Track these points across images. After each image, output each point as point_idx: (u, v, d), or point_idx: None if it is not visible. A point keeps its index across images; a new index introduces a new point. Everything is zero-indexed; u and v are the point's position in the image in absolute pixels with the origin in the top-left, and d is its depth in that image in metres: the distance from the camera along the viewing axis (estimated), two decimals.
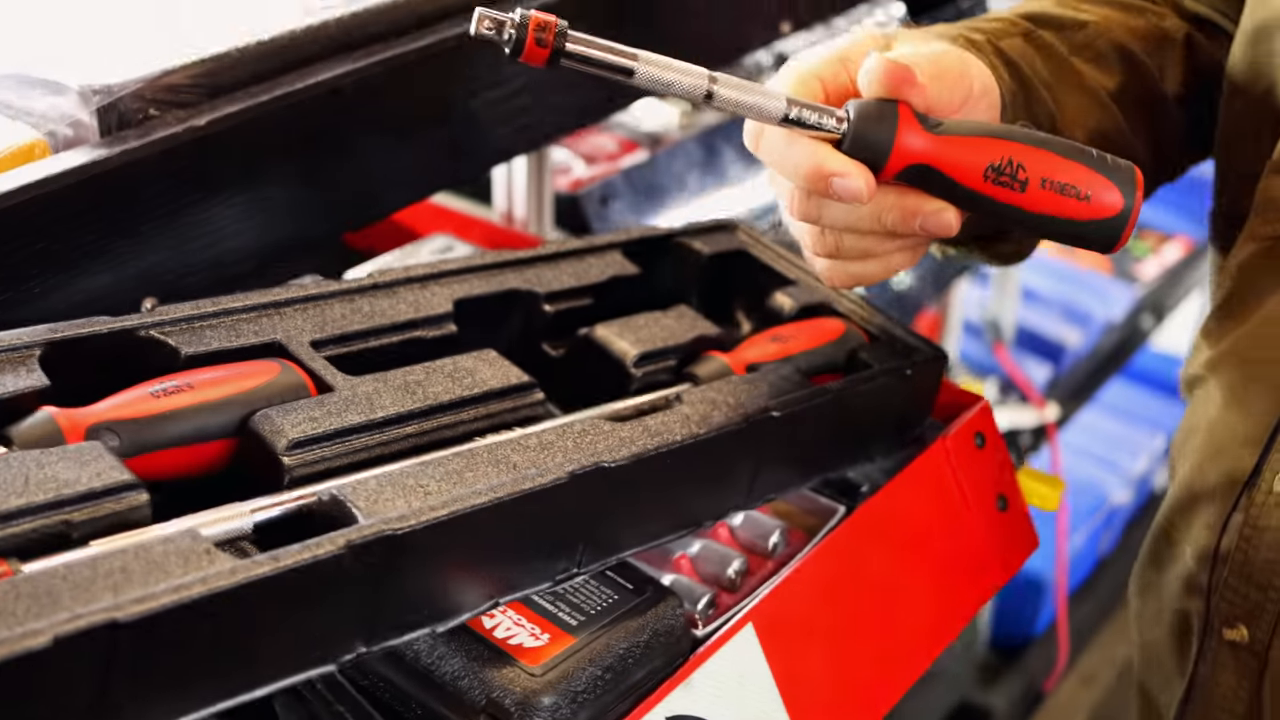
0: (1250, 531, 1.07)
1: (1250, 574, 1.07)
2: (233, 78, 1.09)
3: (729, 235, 1.23)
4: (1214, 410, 1.12)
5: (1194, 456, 1.14)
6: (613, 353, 1.04)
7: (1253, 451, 1.07)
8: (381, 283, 1.02)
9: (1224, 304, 1.14)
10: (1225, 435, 1.11)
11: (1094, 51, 1.16)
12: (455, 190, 1.55)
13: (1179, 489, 1.17)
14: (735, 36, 1.51)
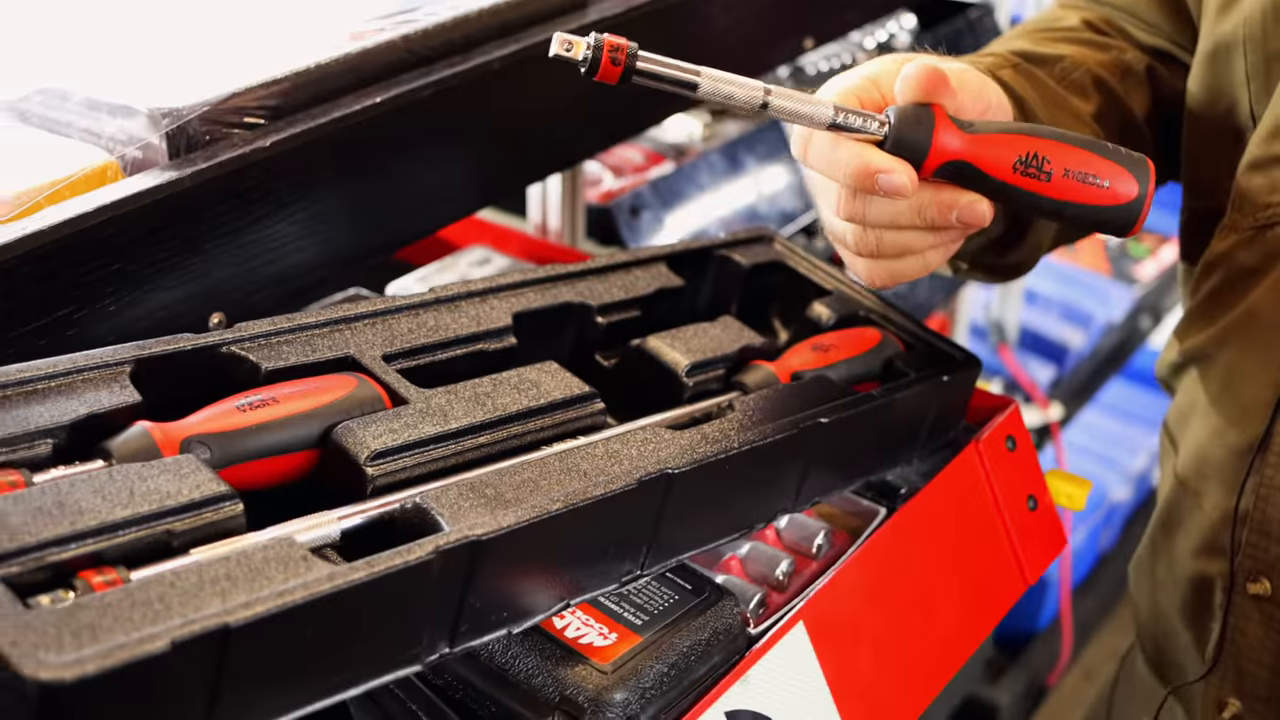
0: (1266, 491, 1.16)
1: (1269, 530, 1.16)
2: (294, 100, 1.13)
3: (766, 246, 1.27)
4: (1215, 387, 1.21)
5: (1199, 431, 1.23)
6: (665, 363, 1.08)
7: (1261, 418, 1.16)
8: (444, 297, 1.06)
9: (1211, 292, 1.22)
10: (1231, 407, 1.19)
11: (1073, 81, 1.25)
12: (491, 203, 1.60)
13: (1186, 462, 1.25)
14: (762, 52, 1.56)
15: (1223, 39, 1.21)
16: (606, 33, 0.91)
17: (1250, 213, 1.18)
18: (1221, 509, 1.20)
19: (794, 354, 1.15)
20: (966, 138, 0.99)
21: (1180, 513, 1.28)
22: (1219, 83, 1.23)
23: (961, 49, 2.26)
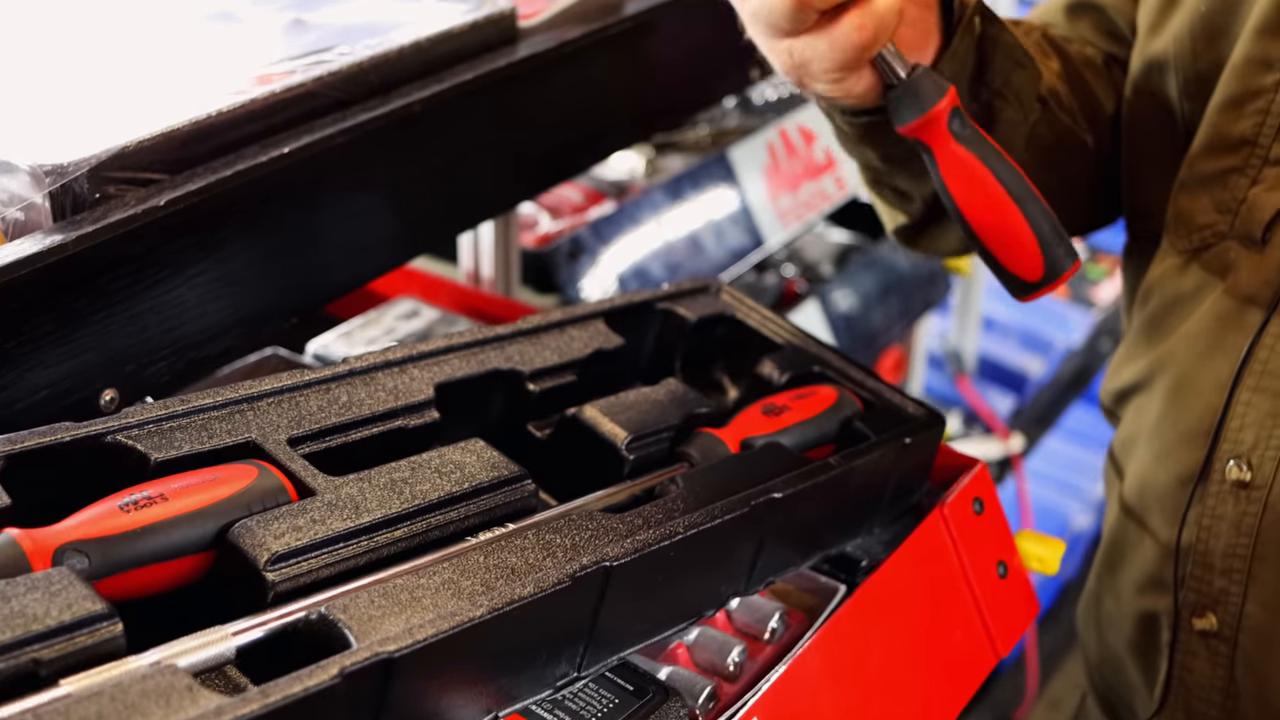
0: (1209, 521, 1.14)
1: (1212, 563, 1.15)
2: (193, 152, 1.04)
3: (712, 298, 1.18)
4: (1154, 415, 1.19)
5: (1140, 461, 1.21)
6: (603, 435, 0.99)
7: (1201, 446, 1.14)
8: (358, 369, 0.97)
9: (1150, 317, 1.21)
10: (1171, 436, 1.17)
11: (1033, 41, 1.23)
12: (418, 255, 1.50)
13: (1129, 494, 1.23)
14: (707, 85, 1.48)
15: (1154, 58, 1.20)
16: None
17: (1185, 234, 1.17)
18: (1164, 541, 1.18)
19: (744, 419, 1.06)
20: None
21: (1124, 546, 1.25)
22: (1152, 103, 1.21)
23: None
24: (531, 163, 1.29)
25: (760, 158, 1.83)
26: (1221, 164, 1.14)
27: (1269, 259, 1.11)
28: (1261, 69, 1.11)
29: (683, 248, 1.69)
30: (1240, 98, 1.13)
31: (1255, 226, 1.12)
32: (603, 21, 1.30)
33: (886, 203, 1.25)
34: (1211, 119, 1.15)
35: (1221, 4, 1.14)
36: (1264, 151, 1.12)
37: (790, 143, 1.89)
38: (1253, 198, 1.12)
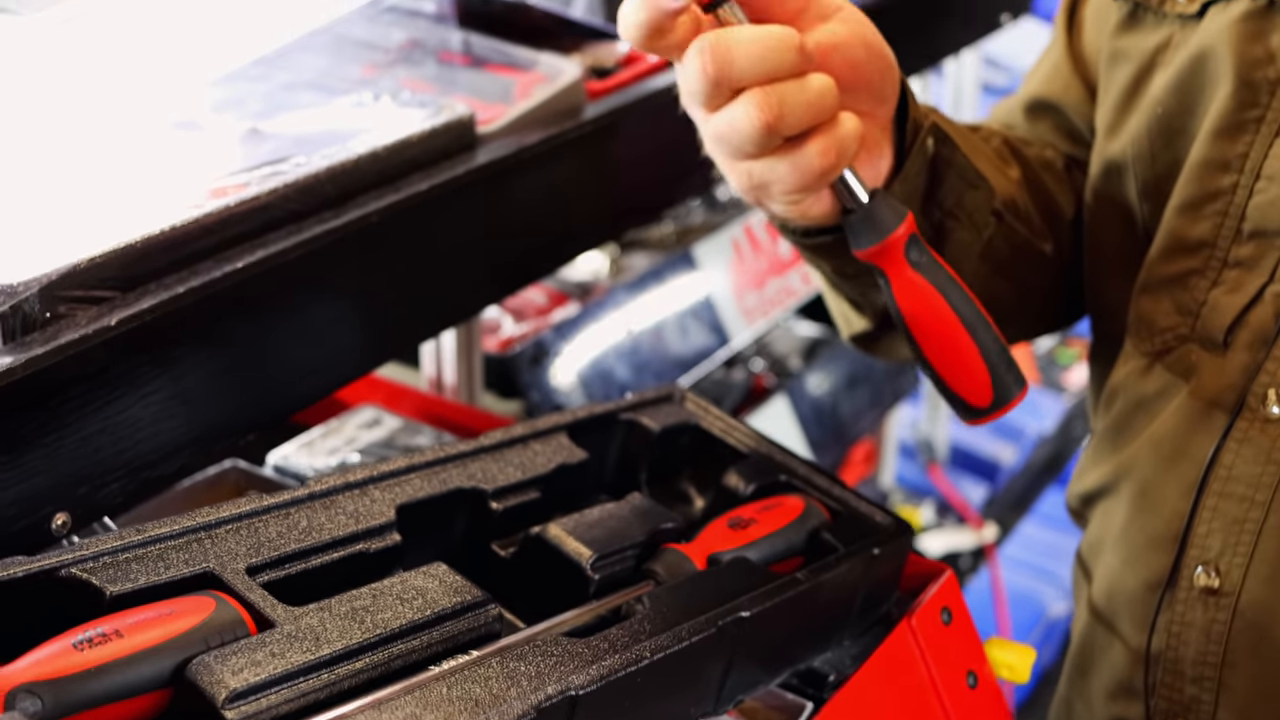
0: (1179, 628, 1.13)
1: (1183, 670, 1.13)
2: (147, 268, 1.02)
3: (676, 406, 1.17)
4: (1121, 519, 1.18)
5: (1108, 566, 1.20)
6: (568, 554, 0.98)
7: (1168, 552, 1.12)
8: (318, 492, 0.95)
9: (1115, 421, 1.20)
10: (1138, 541, 1.16)
11: (993, 148, 1.24)
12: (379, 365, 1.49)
13: (1098, 598, 1.22)
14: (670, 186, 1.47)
15: (1112, 160, 1.20)
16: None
17: (1148, 337, 1.16)
18: (1134, 648, 1.17)
19: (710, 533, 1.04)
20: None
21: (1094, 652, 1.24)
22: (1112, 205, 1.20)
23: None
24: (493, 269, 1.28)
25: (725, 254, 1.83)
26: (1181, 266, 1.13)
27: (1231, 362, 1.10)
28: (1219, 171, 1.11)
29: (649, 347, 1.68)
30: (1198, 200, 1.12)
31: (1216, 330, 1.11)
32: (562, 126, 1.29)
33: (840, 309, 1.25)
34: (1170, 221, 1.14)
35: (1179, 106, 1.14)
36: (1223, 254, 1.11)
37: (755, 239, 1.88)
38: (1213, 300, 1.11)
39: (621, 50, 1.53)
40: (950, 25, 2.11)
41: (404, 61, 1.40)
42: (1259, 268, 1.09)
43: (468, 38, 1.47)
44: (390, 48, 1.42)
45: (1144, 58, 1.18)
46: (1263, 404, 1.08)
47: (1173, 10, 1.16)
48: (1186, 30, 1.15)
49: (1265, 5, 1.10)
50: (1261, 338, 1.09)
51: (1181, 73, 1.14)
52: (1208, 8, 1.14)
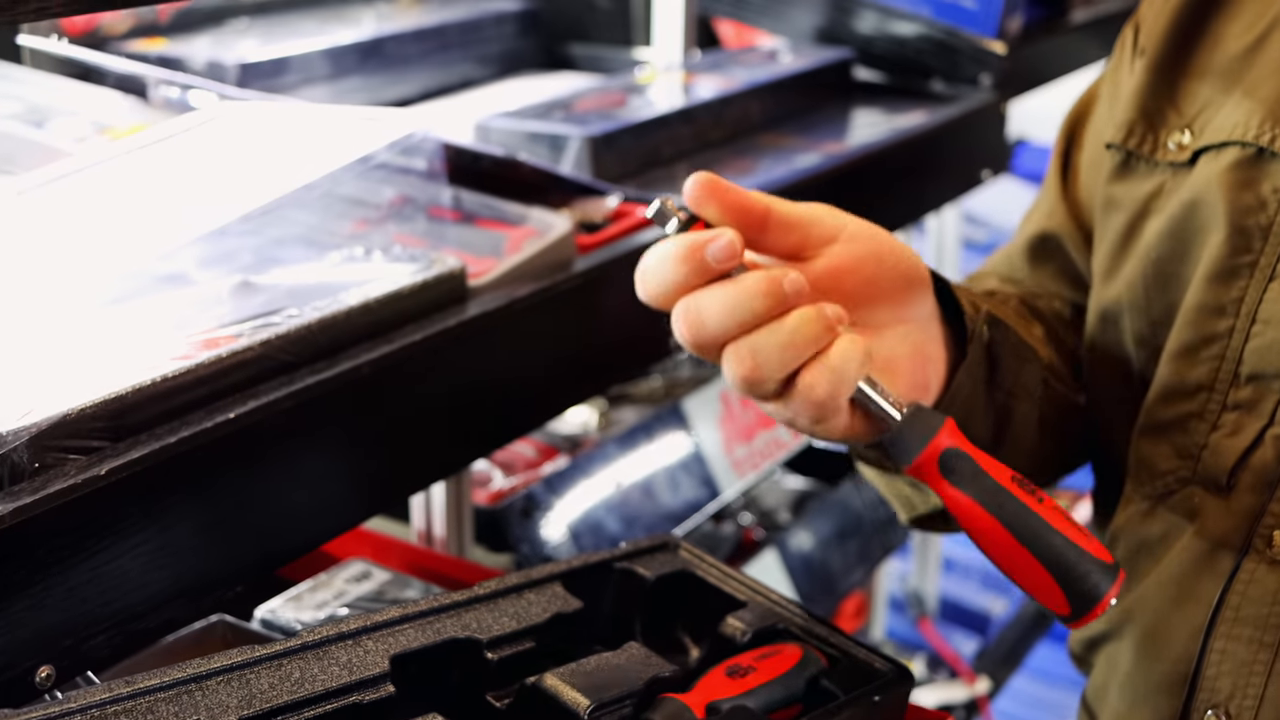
0: None
1: None
2: (137, 418, 1.02)
3: (671, 555, 1.16)
4: (1127, 663, 1.17)
5: (1114, 711, 1.19)
6: (565, 704, 0.96)
7: (1177, 695, 1.11)
8: (310, 642, 0.94)
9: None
10: (1145, 685, 1.14)
11: (1011, 309, 1.24)
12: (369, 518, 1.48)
13: None
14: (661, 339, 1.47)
15: (1109, 305, 1.21)
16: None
17: (1149, 480, 1.16)
18: None
19: (708, 681, 1.02)
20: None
21: None
22: (1110, 349, 1.22)
23: None
24: (484, 421, 1.27)
25: (714, 408, 1.83)
26: (1180, 410, 1.14)
27: (1235, 504, 1.10)
28: (1215, 316, 1.12)
29: (638, 500, 1.67)
30: (1195, 345, 1.13)
31: (1219, 473, 1.11)
32: (552, 279, 1.30)
33: (896, 493, 1.24)
34: (1167, 365, 1.15)
35: (1172, 252, 1.16)
36: (1221, 397, 1.12)
37: None
38: (1214, 443, 1.12)
39: (610, 205, 1.55)
40: (933, 181, 2.14)
41: (395, 217, 1.41)
42: (1258, 411, 1.10)
43: (458, 193, 1.48)
44: (381, 204, 1.43)
45: (1137, 205, 1.20)
46: (1269, 545, 1.08)
47: (1165, 159, 1.18)
48: (1179, 178, 1.17)
49: (1255, 154, 1.12)
50: (1265, 480, 1.09)
51: (1174, 219, 1.16)
52: (1199, 156, 1.16)
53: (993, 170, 2.31)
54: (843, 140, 2.04)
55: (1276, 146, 1.11)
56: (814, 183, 1.75)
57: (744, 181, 1.74)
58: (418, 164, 1.44)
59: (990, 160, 2.29)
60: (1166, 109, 1.20)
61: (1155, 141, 1.20)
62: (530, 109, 1.85)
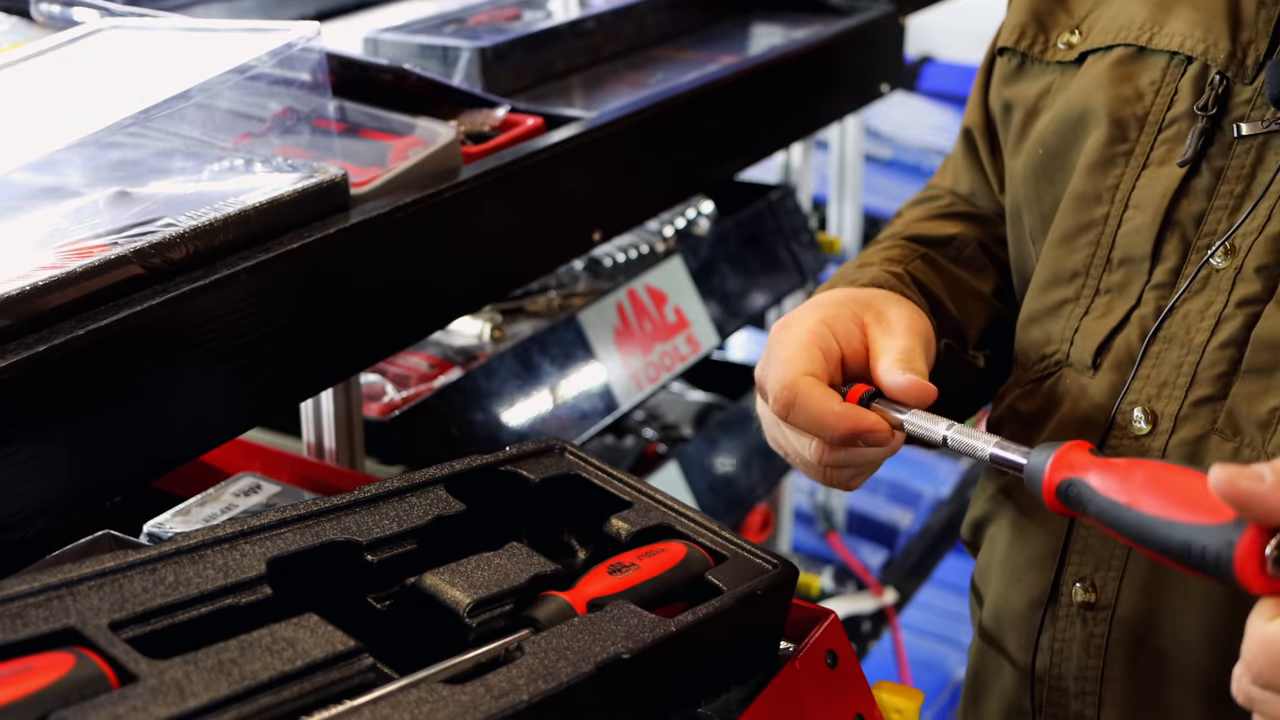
0: (1060, 645, 1.16)
1: (1066, 687, 1.16)
2: (5, 328, 1.00)
3: (557, 458, 1.16)
4: (1005, 542, 1.22)
5: (995, 590, 1.23)
6: (444, 602, 0.96)
7: (1048, 570, 1.15)
8: (185, 547, 0.93)
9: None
10: (1020, 561, 1.19)
11: (967, 259, 1.32)
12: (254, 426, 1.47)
13: (987, 622, 1.25)
14: (551, 249, 1.47)
15: (1014, 203, 1.26)
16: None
17: (1028, 366, 1.20)
18: (1021, 668, 1.20)
19: (591, 579, 1.03)
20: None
21: (985, 676, 1.27)
22: (1018, 247, 1.27)
23: (762, 231, 2.22)
24: (369, 330, 1.27)
25: (610, 320, 1.83)
26: (1058, 296, 1.18)
27: (1101, 383, 1.14)
28: (1092, 203, 1.16)
29: (533, 413, 1.67)
30: (1073, 232, 1.17)
31: (1087, 354, 1.15)
32: (437, 186, 1.29)
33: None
34: (1049, 254, 1.19)
35: (1059, 145, 1.20)
36: (1095, 282, 1.16)
37: (640, 304, 1.88)
38: (1084, 326, 1.16)
39: (499, 115, 1.54)
40: (830, 94, 2.14)
41: (279, 130, 1.40)
42: (1127, 293, 1.14)
43: (343, 105, 1.47)
44: (266, 117, 1.41)
45: (1029, 104, 1.25)
46: (1130, 422, 1.11)
47: (1054, 58, 1.23)
48: (1066, 76, 1.22)
49: (1136, 51, 1.17)
50: (1128, 359, 1.12)
51: (1061, 115, 1.20)
52: (1086, 56, 1.21)
53: (892, 84, 2.31)
54: (740, 53, 2.04)
55: (1154, 44, 1.16)
56: (709, 94, 1.75)
57: (638, 94, 1.74)
58: (302, 76, 1.43)
59: (889, 74, 2.29)
60: (1057, 10, 1.25)
61: (1046, 42, 1.25)
62: (422, 22, 1.84)
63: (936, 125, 3.50)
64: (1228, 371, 1.07)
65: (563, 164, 1.46)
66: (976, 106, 1.37)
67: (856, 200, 2.69)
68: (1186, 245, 1.11)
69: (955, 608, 3.11)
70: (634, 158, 1.62)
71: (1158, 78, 1.15)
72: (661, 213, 2.00)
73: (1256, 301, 1.06)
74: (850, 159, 2.64)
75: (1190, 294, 1.10)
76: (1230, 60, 1.11)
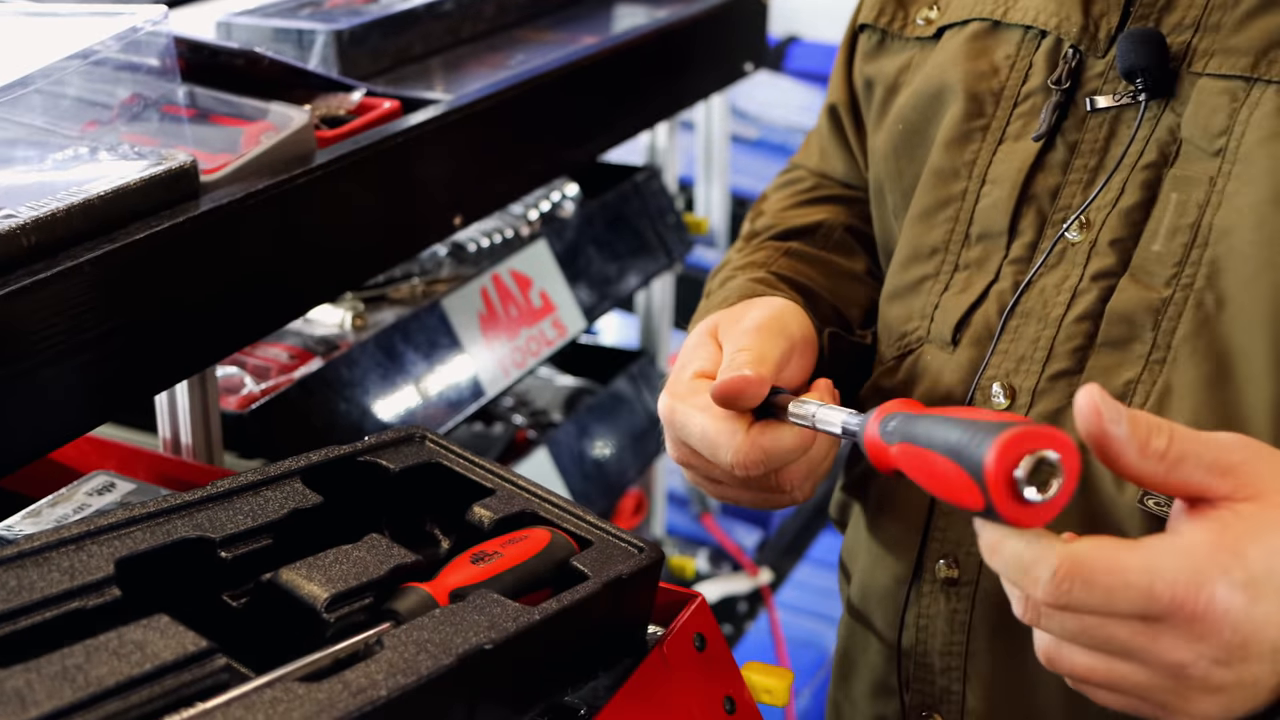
0: (925, 621, 1.16)
1: (931, 663, 1.16)
2: None
3: (417, 447, 1.14)
4: (869, 522, 1.23)
5: (861, 568, 1.24)
6: (301, 597, 0.94)
7: (912, 547, 1.16)
8: (28, 550, 0.90)
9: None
10: (885, 539, 1.19)
11: (837, 243, 1.32)
12: (114, 420, 1.43)
13: (855, 599, 1.26)
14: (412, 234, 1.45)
15: (876, 180, 1.26)
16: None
17: (891, 343, 1.20)
18: (888, 645, 1.20)
19: (453, 569, 1.01)
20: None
21: (855, 653, 1.27)
22: (882, 224, 1.27)
23: (628, 213, 2.21)
24: (221, 321, 1.24)
25: (475, 305, 1.80)
26: (918, 273, 1.18)
27: (960, 358, 1.14)
28: (950, 178, 1.16)
29: (398, 402, 1.64)
30: (932, 208, 1.17)
31: (947, 330, 1.15)
32: (290, 172, 1.26)
33: None
34: (909, 231, 1.19)
35: (919, 120, 1.20)
36: (954, 258, 1.16)
37: (505, 289, 1.86)
38: (944, 302, 1.16)
39: (355, 99, 1.51)
40: (693, 74, 2.13)
41: (126, 117, 1.36)
42: (985, 268, 1.14)
43: (193, 91, 1.44)
44: (112, 104, 1.37)
45: (889, 80, 1.26)
46: (989, 397, 1.11)
47: (913, 34, 1.24)
48: (925, 52, 1.23)
49: (991, 25, 1.17)
50: (987, 334, 1.12)
51: (920, 90, 1.21)
52: (943, 31, 1.21)
53: (755, 63, 2.31)
54: (601, 33, 2.02)
55: (1009, 18, 1.16)
56: (569, 76, 1.73)
57: (498, 76, 1.72)
58: (150, 61, 1.39)
59: (752, 53, 2.29)
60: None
61: (905, 18, 1.25)
62: (276, 6, 1.80)
63: (803, 105, 3.51)
64: (1083, 345, 1.07)
65: (420, 147, 1.43)
66: (840, 83, 1.37)
67: (723, 181, 2.69)
68: (1043, 219, 1.11)
69: (830, 585, 3.10)
70: (494, 140, 1.60)
71: (1012, 52, 1.15)
72: (524, 196, 1.98)
73: (1110, 275, 1.07)
74: (716, 139, 2.63)
75: (1047, 268, 1.10)
76: (1083, 34, 1.11)
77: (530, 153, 1.69)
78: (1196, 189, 1.03)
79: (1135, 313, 1.05)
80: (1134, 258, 1.06)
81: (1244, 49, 1.02)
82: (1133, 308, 1.05)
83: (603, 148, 1.92)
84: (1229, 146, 1.02)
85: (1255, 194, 1.00)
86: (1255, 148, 1.00)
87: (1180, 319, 1.03)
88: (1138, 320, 1.05)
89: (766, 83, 3.52)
